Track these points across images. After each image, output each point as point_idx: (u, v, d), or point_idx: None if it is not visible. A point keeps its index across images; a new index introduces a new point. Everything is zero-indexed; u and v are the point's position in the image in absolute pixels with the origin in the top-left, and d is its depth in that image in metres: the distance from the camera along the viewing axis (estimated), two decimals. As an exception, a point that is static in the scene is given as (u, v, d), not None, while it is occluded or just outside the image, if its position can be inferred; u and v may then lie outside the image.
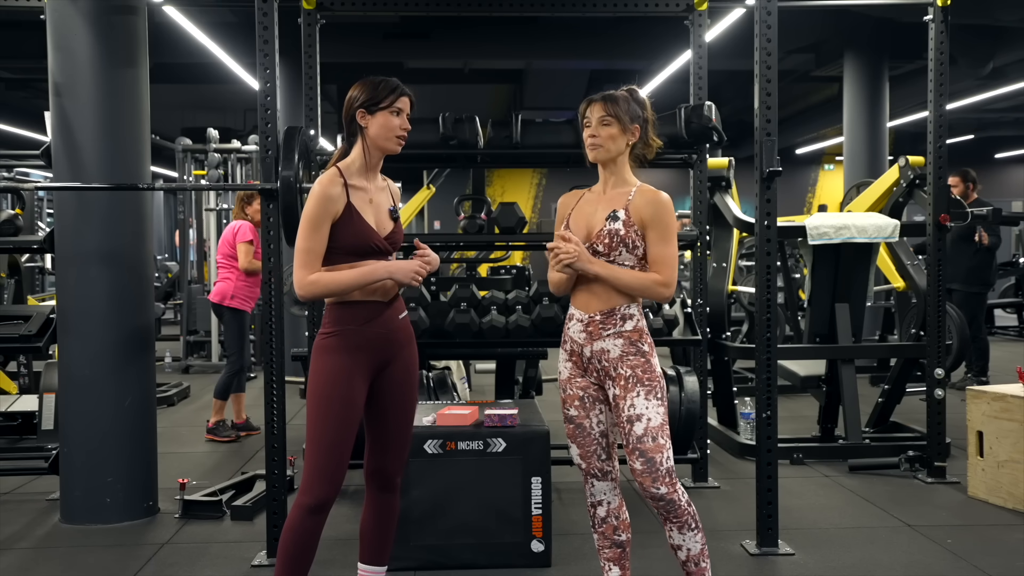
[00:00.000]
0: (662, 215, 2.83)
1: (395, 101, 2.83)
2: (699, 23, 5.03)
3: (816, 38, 10.94)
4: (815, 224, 5.46)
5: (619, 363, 2.82)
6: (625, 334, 2.83)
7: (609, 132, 2.84)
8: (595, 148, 2.86)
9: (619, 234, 2.82)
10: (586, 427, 2.92)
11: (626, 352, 2.82)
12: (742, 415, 5.79)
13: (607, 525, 2.96)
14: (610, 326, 2.84)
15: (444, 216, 16.42)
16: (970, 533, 4.21)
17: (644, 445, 2.74)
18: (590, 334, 2.86)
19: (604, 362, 2.84)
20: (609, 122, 2.84)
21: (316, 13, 4.97)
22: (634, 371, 2.79)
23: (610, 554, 2.97)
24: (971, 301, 7.84)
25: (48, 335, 5.13)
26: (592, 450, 2.92)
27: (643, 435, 2.74)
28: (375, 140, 2.85)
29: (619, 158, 2.89)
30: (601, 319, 2.84)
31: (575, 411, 2.93)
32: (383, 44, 10.65)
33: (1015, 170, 20.62)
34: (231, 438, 6.31)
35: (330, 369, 2.79)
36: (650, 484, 2.73)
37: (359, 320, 2.81)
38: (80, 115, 4.38)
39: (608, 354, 2.83)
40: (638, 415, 2.75)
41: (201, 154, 10.13)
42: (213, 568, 3.85)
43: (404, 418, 2.96)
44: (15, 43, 10.02)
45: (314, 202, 2.76)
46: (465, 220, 4.97)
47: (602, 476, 2.93)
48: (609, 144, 2.85)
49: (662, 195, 2.86)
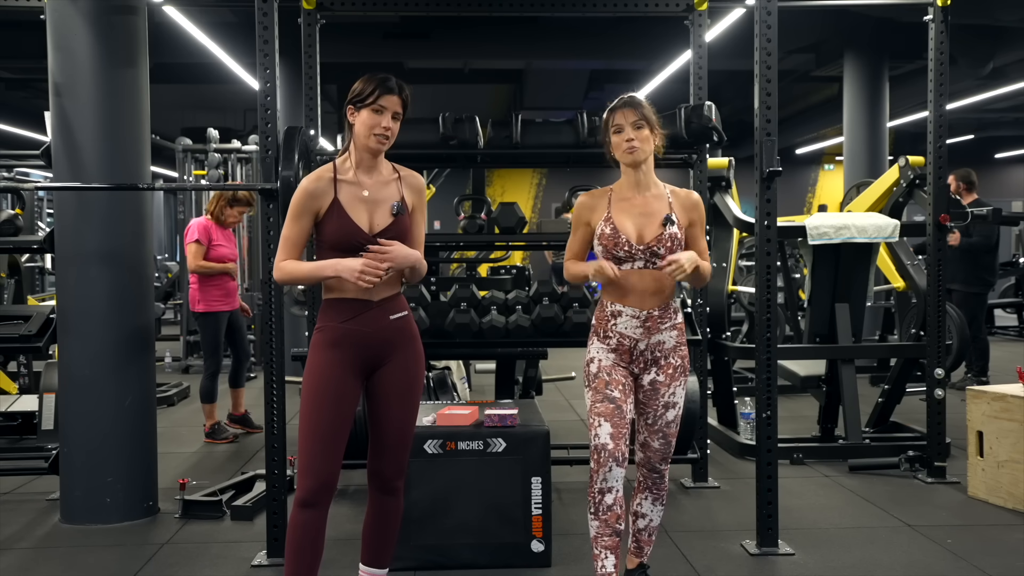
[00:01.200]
0: (702, 213, 3.16)
1: (378, 98, 2.79)
2: (699, 23, 5.03)
3: (816, 38, 10.94)
4: (815, 224, 5.46)
5: (672, 353, 3.10)
6: (678, 326, 3.13)
7: (643, 135, 3.03)
8: (634, 151, 3.03)
9: (677, 238, 3.05)
10: (624, 411, 3.03)
11: (679, 343, 3.12)
12: (742, 415, 5.79)
13: (611, 513, 2.98)
14: (667, 319, 3.09)
15: (444, 216, 16.40)
16: (970, 533, 4.21)
17: (670, 431, 3.12)
18: (648, 329, 3.07)
19: (657, 352, 3.09)
20: (642, 125, 3.03)
21: (316, 13, 4.97)
22: (683, 362, 3.12)
23: (609, 542, 3.00)
24: (971, 301, 7.84)
25: (48, 335, 5.13)
26: (623, 433, 3.01)
27: (672, 421, 3.12)
28: (358, 137, 2.84)
29: (649, 160, 3.09)
30: (659, 314, 3.07)
31: (619, 393, 3.04)
32: (383, 44, 10.65)
33: (1015, 170, 20.62)
34: (229, 439, 6.28)
35: (315, 364, 2.82)
36: (659, 461, 3.16)
37: (339, 317, 2.83)
38: (80, 115, 4.38)
39: (664, 345, 3.09)
40: (675, 403, 3.11)
41: (201, 154, 10.12)
42: (213, 568, 3.85)
43: (401, 422, 2.92)
44: (15, 43, 10.02)
45: (296, 195, 2.85)
46: (465, 220, 4.97)
47: (622, 461, 3.01)
48: (646, 146, 3.04)
49: (695, 194, 3.19)
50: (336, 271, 2.76)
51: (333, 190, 2.82)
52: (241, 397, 6.53)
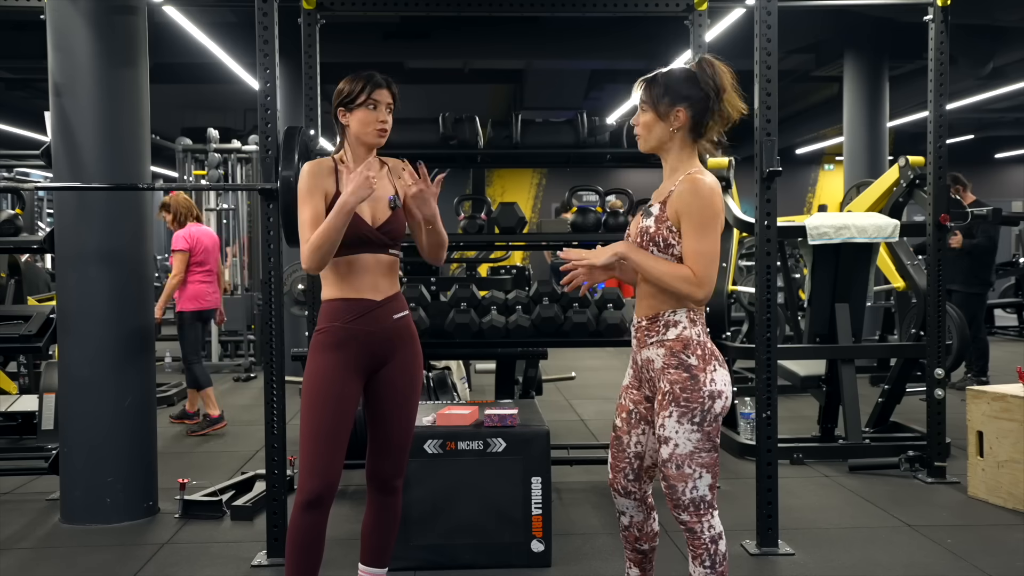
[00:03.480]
0: (693, 203, 2.48)
1: (371, 95, 2.82)
2: (699, 23, 5.03)
3: (816, 38, 10.94)
4: (815, 224, 5.46)
5: (661, 376, 2.56)
6: (667, 343, 2.55)
7: (645, 120, 2.59)
8: (637, 137, 2.64)
9: (649, 232, 2.56)
10: (624, 442, 2.71)
11: (667, 364, 2.54)
12: (742, 415, 5.79)
13: (628, 533, 2.82)
14: (654, 333, 2.58)
15: (444, 216, 16.35)
16: (970, 533, 4.21)
17: (667, 471, 2.54)
18: (638, 341, 2.63)
19: (650, 372, 2.61)
20: (645, 108, 2.59)
21: (316, 13, 4.97)
22: (672, 387, 2.52)
23: (632, 556, 2.86)
24: (971, 301, 7.84)
25: (48, 335, 5.13)
26: (622, 467, 2.72)
27: (667, 460, 2.53)
28: (357, 136, 2.86)
29: (668, 146, 2.60)
30: (647, 325, 2.60)
31: (620, 423, 2.73)
32: (383, 44, 10.64)
33: (1015, 170, 20.62)
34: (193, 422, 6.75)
35: (317, 366, 2.81)
36: (672, 508, 2.57)
37: (344, 317, 2.81)
38: (80, 115, 4.38)
39: (652, 364, 2.59)
40: (667, 438, 2.52)
41: (201, 154, 10.13)
42: (213, 568, 3.85)
43: (401, 422, 2.92)
44: (15, 43, 10.02)
45: (303, 179, 2.83)
46: (465, 220, 4.97)
47: (625, 494, 2.74)
48: (646, 133, 2.60)
49: (700, 181, 2.51)
50: (346, 201, 2.69)
51: (335, 182, 2.84)
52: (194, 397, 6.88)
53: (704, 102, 2.56)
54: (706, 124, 2.59)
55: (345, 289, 2.82)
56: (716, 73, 2.57)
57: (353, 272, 2.82)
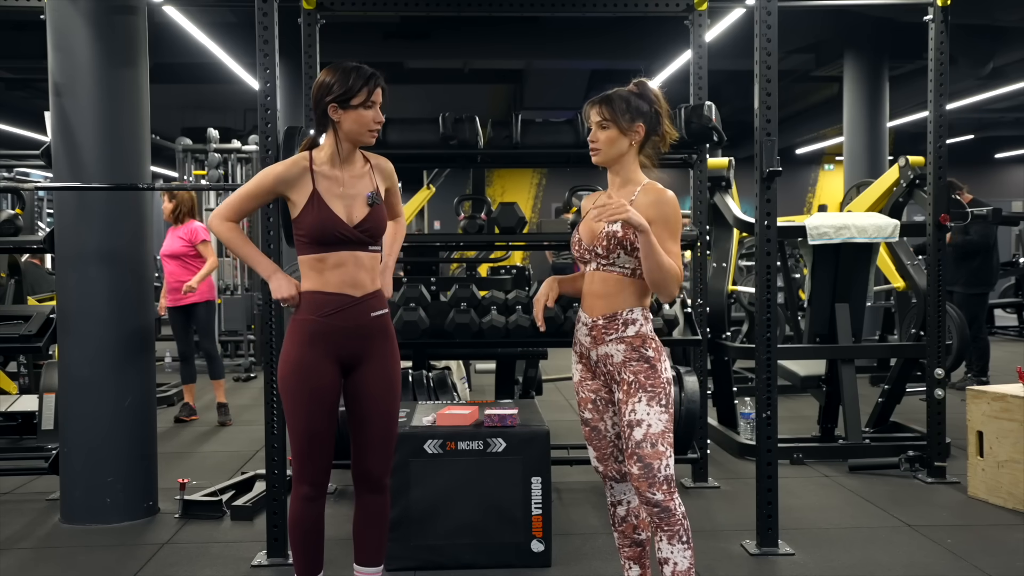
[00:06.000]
0: (666, 212, 2.70)
1: (370, 95, 2.80)
2: (699, 23, 5.03)
3: (816, 38, 10.95)
4: (815, 224, 5.46)
5: (622, 368, 2.74)
6: (627, 339, 2.74)
7: (607, 135, 2.75)
8: (595, 152, 2.79)
9: (616, 236, 2.71)
10: (601, 430, 2.88)
11: (629, 358, 2.73)
12: (742, 415, 5.79)
13: (626, 524, 2.93)
14: (612, 331, 2.76)
15: (444, 216, 16.41)
16: (970, 533, 4.21)
17: (642, 451, 2.67)
18: (594, 338, 2.79)
19: (609, 366, 2.78)
20: (607, 125, 2.75)
21: (316, 13, 4.97)
22: (636, 377, 2.72)
23: (630, 553, 2.95)
24: (972, 302, 7.84)
25: (48, 335, 5.13)
26: (608, 452, 2.88)
27: (642, 440, 2.67)
28: (349, 135, 2.84)
29: (623, 159, 2.79)
30: (604, 323, 2.77)
31: (589, 414, 2.89)
32: (383, 44, 10.65)
33: (1015, 170, 20.63)
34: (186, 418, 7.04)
35: (294, 360, 2.83)
36: (646, 489, 2.66)
37: (320, 310, 2.82)
38: (80, 115, 4.38)
39: (612, 359, 2.76)
40: (638, 420, 2.68)
41: (201, 154, 10.13)
42: (213, 568, 3.85)
43: (384, 419, 2.93)
44: (15, 43, 10.02)
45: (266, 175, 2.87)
46: (465, 220, 4.97)
47: (620, 478, 2.90)
48: (608, 148, 2.76)
49: (667, 192, 2.75)
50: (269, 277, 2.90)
51: (311, 181, 2.82)
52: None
53: (656, 117, 2.81)
54: (651, 138, 2.82)
55: (323, 283, 2.83)
56: (656, 93, 2.83)
57: (331, 268, 2.82)
